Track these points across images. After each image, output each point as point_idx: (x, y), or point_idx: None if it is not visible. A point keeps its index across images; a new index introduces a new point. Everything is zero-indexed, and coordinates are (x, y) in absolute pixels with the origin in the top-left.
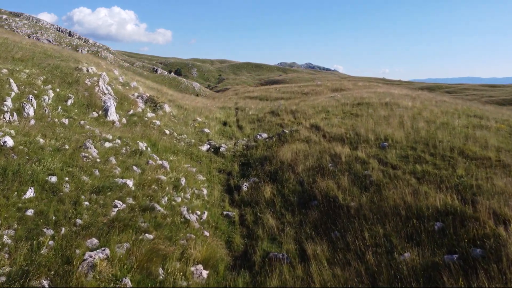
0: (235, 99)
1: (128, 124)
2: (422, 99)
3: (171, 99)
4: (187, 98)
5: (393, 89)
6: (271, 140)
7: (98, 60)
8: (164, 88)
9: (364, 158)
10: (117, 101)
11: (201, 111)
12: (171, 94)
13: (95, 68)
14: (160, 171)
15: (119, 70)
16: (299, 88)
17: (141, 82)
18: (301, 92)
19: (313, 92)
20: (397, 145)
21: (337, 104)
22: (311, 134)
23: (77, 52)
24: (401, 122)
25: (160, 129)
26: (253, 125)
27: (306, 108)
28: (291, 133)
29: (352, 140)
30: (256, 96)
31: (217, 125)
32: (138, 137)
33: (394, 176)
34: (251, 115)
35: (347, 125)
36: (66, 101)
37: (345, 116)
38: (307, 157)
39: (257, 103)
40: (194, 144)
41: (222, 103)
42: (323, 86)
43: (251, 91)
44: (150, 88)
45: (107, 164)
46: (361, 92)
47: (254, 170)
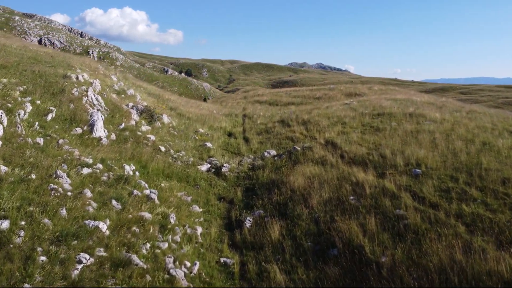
0: (243, 104)
1: (117, 141)
2: (449, 108)
3: (173, 106)
4: (191, 104)
5: (414, 96)
6: (280, 159)
7: (96, 64)
8: (167, 94)
9: (393, 191)
10: (107, 113)
11: (205, 120)
12: (174, 100)
13: (87, 75)
14: (145, 205)
15: (120, 75)
16: (311, 92)
17: (143, 88)
18: (313, 97)
19: (325, 97)
20: (433, 173)
21: (355, 114)
22: (327, 153)
23: (75, 56)
24: (432, 140)
25: (155, 146)
26: (261, 137)
27: (320, 118)
28: (304, 151)
29: (376, 163)
30: (265, 100)
31: (221, 137)
32: (126, 158)
33: (435, 220)
34: (259, 125)
35: (368, 142)
36: (46, 116)
37: (365, 130)
38: (322, 185)
39: (266, 109)
40: (192, 164)
41: (229, 109)
42: (336, 90)
43: (261, 94)
44: (151, 95)
45: (79, 199)
46: (380, 100)
47: (259, 200)
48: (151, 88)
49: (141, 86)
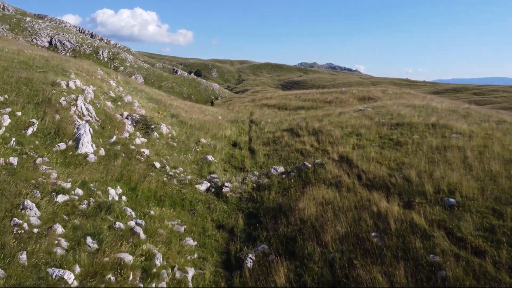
0: (250, 108)
1: (106, 157)
2: (475, 117)
3: (174, 113)
4: (195, 110)
5: (433, 102)
6: (289, 177)
7: (95, 68)
8: (169, 99)
9: (424, 227)
10: (98, 125)
11: (208, 128)
12: (176, 105)
13: (80, 82)
14: (127, 243)
15: (121, 78)
16: (321, 95)
17: (144, 93)
18: (324, 101)
19: (337, 101)
20: (471, 205)
21: (370, 124)
22: (342, 172)
23: (74, 59)
24: (464, 159)
25: (149, 161)
26: (268, 148)
27: (332, 128)
28: (315, 169)
29: (400, 188)
30: (274, 104)
31: (225, 148)
32: (113, 179)
33: (482, 274)
34: (266, 133)
35: (388, 159)
36: (26, 129)
37: (383, 144)
38: (338, 216)
39: (275, 114)
40: (190, 182)
41: (235, 114)
42: (348, 94)
43: (269, 97)
44: (152, 100)
45: (46, 238)
46: (397, 106)
47: (264, 231)
48: (153, 92)
49: (142, 90)
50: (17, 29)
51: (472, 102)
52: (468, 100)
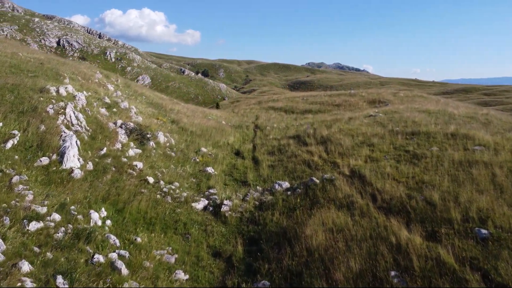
0: (256, 111)
1: (94, 172)
2: (498, 126)
3: (175, 118)
4: (198, 114)
5: (448, 106)
6: (294, 194)
7: (94, 71)
8: (170, 104)
9: (454, 267)
10: (88, 135)
11: (210, 134)
12: (178, 110)
13: (73, 87)
14: (104, 284)
15: (122, 81)
16: (330, 98)
17: (144, 97)
18: (332, 104)
19: (346, 104)
20: (508, 238)
21: (383, 132)
22: (354, 191)
23: (71, 62)
24: (492, 178)
25: (141, 176)
26: (273, 158)
27: (341, 136)
28: (323, 185)
29: (422, 213)
30: (280, 107)
31: (227, 158)
32: (98, 199)
33: None
34: (272, 140)
35: (406, 176)
36: (5, 143)
37: (399, 157)
38: (350, 247)
39: (281, 117)
40: (185, 200)
41: (240, 118)
42: (357, 96)
43: (276, 99)
44: (152, 105)
45: (7, 279)
46: (410, 112)
47: (265, 262)
48: (154, 96)
49: (143, 94)
50: (25, 29)
51: (483, 103)
52: (478, 101)
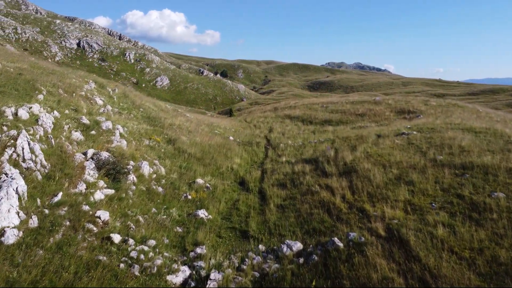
0: (271, 120)
1: (37, 231)
2: None
3: (173, 136)
4: (203, 128)
5: (497, 122)
6: (308, 264)
7: (83, 82)
8: (170, 117)
9: None
10: (44, 174)
11: (212, 157)
12: (179, 125)
13: (40, 106)
14: None
15: (119, 92)
16: (352, 106)
17: (142, 110)
18: (355, 113)
19: (370, 114)
20: None
21: (424, 163)
22: (394, 271)
23: (61, 69)
24: None
25: (104, 233)
26: (284, 193)
27: (370, 166)
28: (349, 254)
29: None
30: (297, 116)
31: (227, 191)
32: (25, 284)
33: None
34: (284, 164)
35: (470, 246)
36: None
37: (451, 207)
38: None
39: (297, 129)
40: (159, 271)
41: (251, 130)
42: (383, 104)
43: (293, 106)
44: (149, 120)
45: None
46: (452, 131)
47: None
48: (155, 108)
49: (141, 106)
50: (47, 31)
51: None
52: (507, 102)
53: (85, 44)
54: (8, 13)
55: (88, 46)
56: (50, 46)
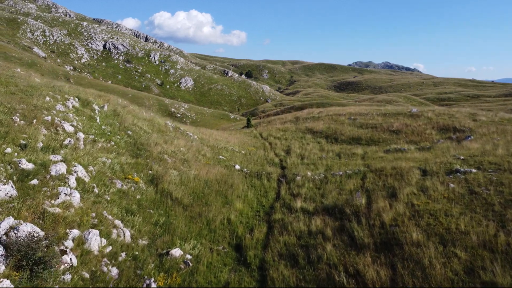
0: (290, 136)
1: None
2: None
3: (158, 171)
4: (205, 152)
5: None
6: None
7: (58, 101)
8: (163, 142)
9: None
10: None
11: (206, 201)
12: (173, 151)
13: None
14: None
15: (107, 110)
16: (384, 119)
17: (131, 131)
18: (388, 129)
19: (407, 131)
20: None
21: (505, 239)
22: None
23: (39, 77)
24: None
25: None
26: (292, 276)
27: (421, 237)
28: None
29: None
30: (321, 130)
31: (212, 269)
32: None
33: None
34: (299, 215)
35: None
36: None
37: None
38: None
39: (320, 149)
40: None
41: (265, 153)
42: (422, 118)
43: (316, 116)
44: (134, 147)
45: None
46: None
47: None
48: (147, 129)
49: (131, 127)
50: (74, 34)
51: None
52: None
53: (110, 46)
54: (38, 16)
55: (114, 48)
56: (76, 48)
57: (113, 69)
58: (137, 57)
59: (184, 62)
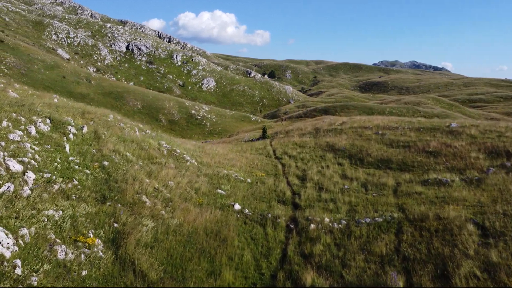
0: (307, 155)
1: None
2: None
3: (123, 226)
4: (201, 184)
5: None
6: None
7: (16, 127)
8: (147, 174)
9: None
10: None
11: (182, 276)
12: (155, 189)
13: None
14: None
15: (87, 131)
16: (418, 135)
17: (107, 162)
18: (424, 149)
19: (448, 153)
20: None
21: None
22: None
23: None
24: None
25: None
26: None
27: None
28: None
29: None
30: (343, 148)
31: None
32: None
33: None
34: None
35: None
36: None
37: None
38: None
39: (342, 180)
40: None
41: (274, 184)
42: (464, 137)
43: (339, 128)
44: (105, 185)
45: None
46: None
47: None
48: (130, 157)
49: (111, 154)
50: (98, 35)
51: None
52: None
53: (133, 47)
54: (63, 18)
55: (137, 49)
56: (100, 50)
57: (135, 70)
58: (159, 58)
59: (206, 63)
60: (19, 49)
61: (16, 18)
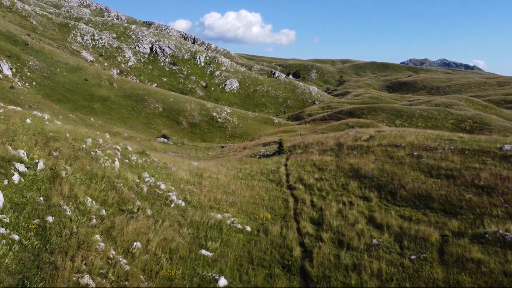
0: (326, 184)
1: None
2: None
3: None
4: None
5: None
6: None
7: None
8: (110, 240)
9: None
10: None
11: None
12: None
13: None
14: None
15: (40, 167)
16: (463, 160)
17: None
18: (472, 182)
19: (504, 190)
20: None
21: None
22: None
23: None
24: None
25: None
26: None
27: None
28: None
29: None
30: (370, 174)
31: None
32: None
33: None
34: None
35: None
36: None
37: None
38: None
39: (369, 227)
40: None
41: (281, 235)
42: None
43: (365, 146)
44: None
45: None
46: None
47: None
48: (101, 193)
49: (71, 199)
50: (122, 37)
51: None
52: None
53: (157, 48)
54: (89, 20)
55: (160, 50)
56: (124, 51)
57: (158, 72)
58: (182, 59)
59: (229, 64)
60: (43, 52)
61: (43, 21)
